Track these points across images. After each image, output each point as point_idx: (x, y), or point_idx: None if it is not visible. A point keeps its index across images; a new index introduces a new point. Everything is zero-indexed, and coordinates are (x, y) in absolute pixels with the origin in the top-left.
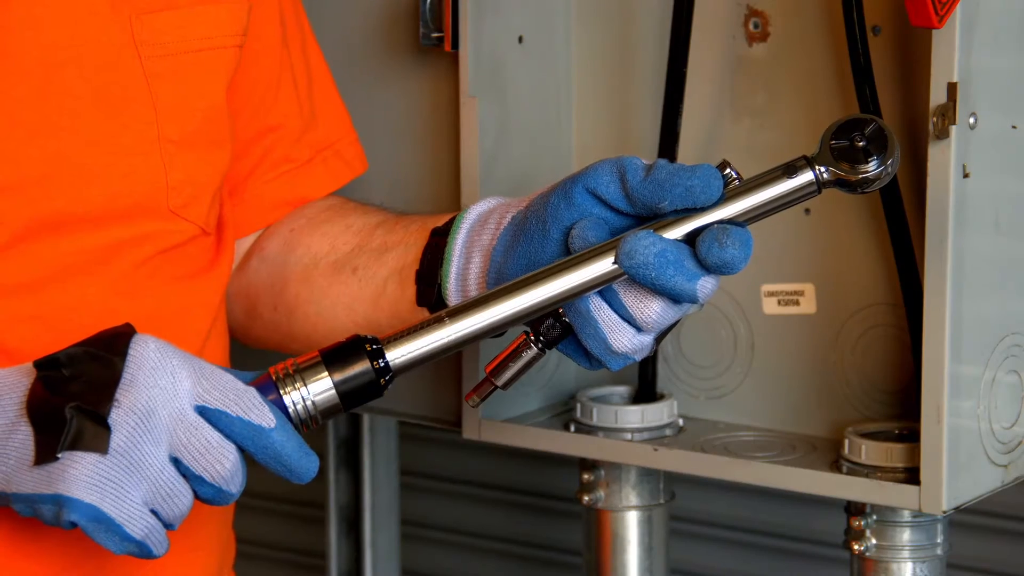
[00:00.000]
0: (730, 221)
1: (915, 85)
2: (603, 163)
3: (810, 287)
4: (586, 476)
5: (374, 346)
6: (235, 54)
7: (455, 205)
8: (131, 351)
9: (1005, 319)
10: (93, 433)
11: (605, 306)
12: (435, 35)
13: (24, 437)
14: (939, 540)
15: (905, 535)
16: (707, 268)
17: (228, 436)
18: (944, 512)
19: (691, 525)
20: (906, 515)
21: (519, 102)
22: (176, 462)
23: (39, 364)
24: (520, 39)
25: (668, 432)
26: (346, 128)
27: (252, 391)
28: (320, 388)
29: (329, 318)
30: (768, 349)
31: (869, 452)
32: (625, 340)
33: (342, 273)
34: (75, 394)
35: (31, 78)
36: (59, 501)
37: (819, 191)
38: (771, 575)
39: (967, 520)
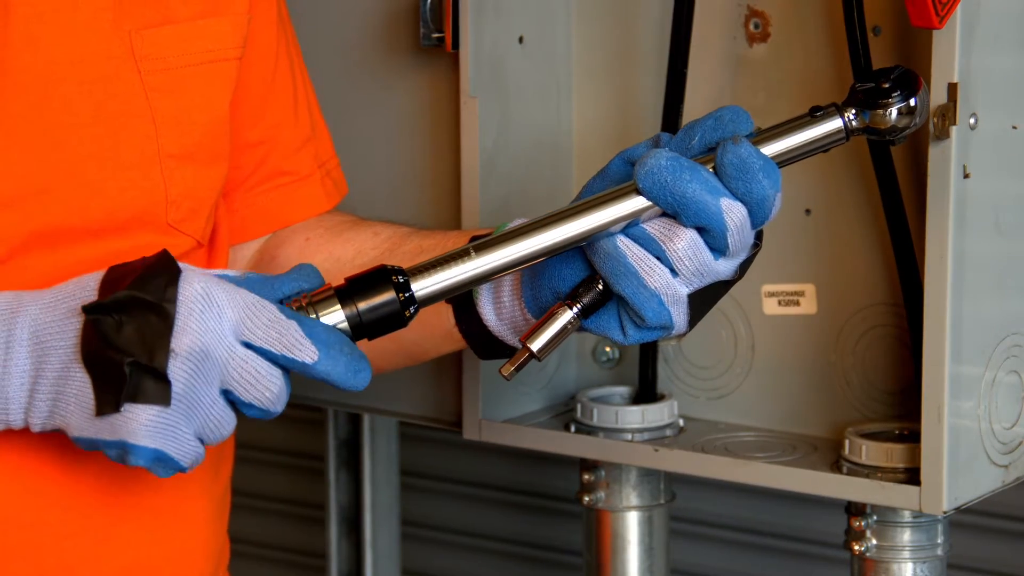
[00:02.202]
0: None
1: None
2: (639, 143)
3: (810, 287)
4: (586, 476)
5: (400, 276)
6: (236, 66)
7: (455, 205)
8: (180, 295)
9: (1005, 319)
10: (154, 387)
11: (632, 243)
12: (435, 35)
13: (81, 384)
14: (940, 540)
15: (905, 535)
16: (724, 173)
17: (275, 364)
18: (944, 512)
19: (691, 525)
20: (906, 515)
21: (519, 102)
22: (226, 392)
23: (87, 308)
24: (520, 39)
25: (668, 432)
26: (332, 151)
27: (294, 325)
28: (333, 320)
29: None
30: (768, 349)
31: (869, 452)
32: (657, 275)
33: None
34: (130, 344)
35: (30, 93)
36: (124, 447)
37: (847, 138)
38: (771, 575)
39: (967, 520)
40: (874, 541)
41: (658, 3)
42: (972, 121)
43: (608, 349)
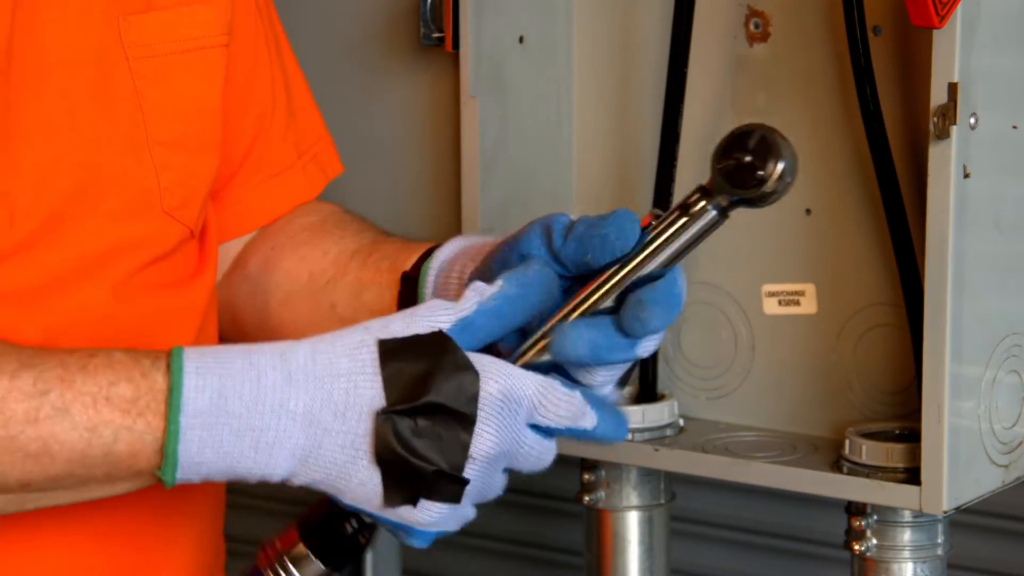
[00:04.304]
0: (651, 274)
1: (915, 85)
2: (533, 225)
3: (811, 287)
4: (587, 476)
5: (352, 519)
6: (222, 53)
7: (455, 206)
8: (481, 399)
9: (1006, 319)
10: (450, 489)
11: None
12: (436, 35)
13: (368, 474)
14: (940, 540)
15: (906, 535)
16: (639, 338)
17: (548, 434)
18: (945, 512)
19: (692, 525)
20: (907, 515)
21: (519, 102)
22: (505, 470)
23: (386, 412)
24: (520, 39)
25: (669, 432)
26: (322, 131)
27: (578, 396)
28: (313, 572)
29: None
30: (769, 349)
31: (870, 452)
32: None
33: (321, 306)
34: (429, 450)
35: (29, 80)
36: (406, 530)
37: (726, 216)
38: (771, 575)
39: (968, 520)
40: (874, 541)
41: (658, 3)
42: (972, 121)
43: None
